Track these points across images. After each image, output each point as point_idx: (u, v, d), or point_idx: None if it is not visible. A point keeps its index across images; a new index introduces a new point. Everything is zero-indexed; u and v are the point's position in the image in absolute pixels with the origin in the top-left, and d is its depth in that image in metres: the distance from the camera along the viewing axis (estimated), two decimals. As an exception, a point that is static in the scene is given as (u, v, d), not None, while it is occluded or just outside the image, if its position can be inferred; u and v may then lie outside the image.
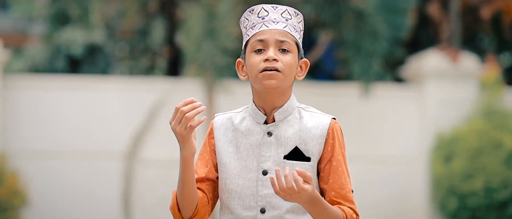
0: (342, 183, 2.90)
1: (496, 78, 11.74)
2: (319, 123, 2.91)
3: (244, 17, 2.96)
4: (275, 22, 2.90)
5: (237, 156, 2.92)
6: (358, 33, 11.38)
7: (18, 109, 11.12)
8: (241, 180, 2.90)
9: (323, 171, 2.92)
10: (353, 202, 2.92)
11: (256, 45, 2.89)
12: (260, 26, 2.90)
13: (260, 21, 2.91)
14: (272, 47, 2.87)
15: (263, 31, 2.89)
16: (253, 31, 2.91)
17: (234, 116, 2.99)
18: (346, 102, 11.75)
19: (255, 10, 2.93)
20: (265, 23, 2.90)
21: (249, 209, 2.89)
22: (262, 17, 2.91)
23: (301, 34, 2.97)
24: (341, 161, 2.91)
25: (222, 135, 2.96)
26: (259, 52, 2.89)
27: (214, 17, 10.66)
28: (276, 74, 2.85)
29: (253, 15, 2.93)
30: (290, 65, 2.88)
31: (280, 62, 2.86)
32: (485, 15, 14.05)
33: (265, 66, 2.85)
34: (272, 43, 2.88)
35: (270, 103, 2.91)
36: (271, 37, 2.88)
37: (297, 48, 2.93)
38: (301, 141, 2.89)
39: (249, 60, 2.90)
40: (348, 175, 2.93)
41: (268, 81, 2.85)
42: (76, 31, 12.83)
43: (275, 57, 2.85)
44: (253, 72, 2.88)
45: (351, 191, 2.92)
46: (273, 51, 2.87)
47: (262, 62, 2.86)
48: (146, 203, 11.31)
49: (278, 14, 2.92)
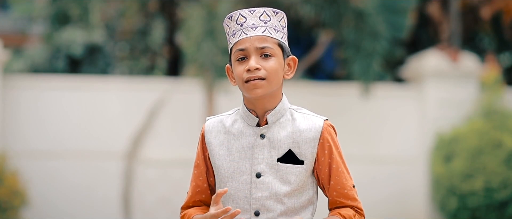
0: (343, 182, 2.92)
1: (496, 78, 11.74)
2: (312, 125, 2.91)
3: (225, 24, 2.94)
4: (253, 28, 2.87)
5: (230, 159, 2.91)
6: (358, 33, 11.38)
7: (18, 109, 11.12)
8: (234, 183, 2.90)
9: (323, 174, 2.93)
10: (356, 199, 2.94)
11: (238, 54, 2.88)
12: (239, 34, 2.88)
13: (239, 28, 2.89)
14: (253, 56, 2.85)
15: (242, 40, 2.87)
16: (234, 40, 2.89)
17: (225, 119, 2.98)
18: (346, 102, 11.75)
19: (233, 16, 2.91)
20: (243, 31, 2.88)
21: (243, 212, 2.89)
22: (241, 24, 2.89)
23: (284, 32, 2.93)
24: (339, 162, 2.92)
25: (214, 138, 2.96)
26: (242, 61, 2.87)
27: (214, 17, 10.67)
28: (261, 83, 2.83)
29: (232, 22, 2.91)
30: (274, 70, 2.85)
31: (262, 69, 2.84)
32: (485, 15, 14.05)
33: (248, 77, 2.84)
34: (252, 51, 2.85)
35: (261, 107, 2.91)
36: (251, 45, 2.85)
37: (281, 49, 2.90)
38: (294, 144, 2.89)
39: (234, 69, 2.89)
40: (348, 171, 2.95)
41: (254, 91, 2.84)
42: (76, 31, 12.82)
43: (256, 66, 2.83)
44: (239, 82, 2.87)
45: (352, 187, 2.94)
46: (255, 60, 2.84)
47: (245, 72, 2.85)
48: (146, 203, 11.31)
49: (256, 19, 2.89)
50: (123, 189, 11.31)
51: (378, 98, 11.71)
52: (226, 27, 2.93)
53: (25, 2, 13.75)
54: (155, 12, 13.99)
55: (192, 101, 11.36)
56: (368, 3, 11.41)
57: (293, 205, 2.89)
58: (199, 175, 2.99)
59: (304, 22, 12.16)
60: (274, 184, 2.88)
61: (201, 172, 2.99)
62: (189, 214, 2.96)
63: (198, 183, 2.99)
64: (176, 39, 13.83)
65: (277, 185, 2.88)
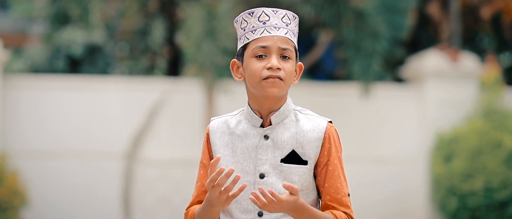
0: (338, 187, 2.91)
1: (496, 78, 11.74)
2: (316, 126, 2.91)
3: (242, 18, 2.93)
4: (277, 28, 2.89)
5: (234, 160, 2.91)
6: (358, 33, 11.38)
7: (18, 109, 11.12)
8: (238, 183, 2.87)
9: (319, 175, 2.92)
10: (349, 206, 2.92)
11: (257, 51, 2.87)
12: (261, 31, 2.88)
13: (261, 25, 2.89)
14: (274, 55, 2.86)
15: (265, 38, 2.87)
16: (254, 36, 2.89)
17: (230, 119, 2.98)
18: (346, 102, 11.76)
19: (255, 13, 2.91)
20: (266, 29, 2.88)
21: (247, 212, 2.89)
22: (263, 21, 2.89)
23: (297, 38, 2.97)
24: (337, 165, 2.91)
25: (218, 139, 2.96)
26: (261, 58, 2.87)
27: (214, 17, 10.66)
28: (279, 83, 2.85)
29: (253, 18, 2.91)
30: (291, 73, 2.88)
31: (282, 70, 2.86)
32: (485, 15, 14.05)
33: (269, 75, 2.84)
34: (274, 50, 2.87)
35: (267, 107, 2.91)
36: (274, 44, 2.87)
37: (295, 53, 2.92)
38: (297, 144, 2.89)
39: (249, 65, 2.89)
40: (345, 179, 2.94)
41: (271, 89, 2.85)
42: (76, 31, 12.82)
43: (279, 66, 2.85)
44: (254, 79, 2.87)
45: (347, 195, 2.92)
46: (276, 59, 2.86)
47: (265, 69, 2.85)
48: (146, 203, 11.31)
49: (278, 19, 2.90)
50: (123, 189, 11.31)
51: (378, 98, 11.71)
52: (243, 22, 2.92)
53: (25, 2, 13.75)
54: (155, 12, 13.99)
55: (192, 102, 11.36)
56: (368, 3, 11.41)
57: (297, 206, 2.89)
58: (205, 175, 2.99)
59: (304, 22, 12.16)
60: (277, 184, 2.88)
61: (206, 173, 2.99)
62: (192, 210, 2.97)
63: (204, 182, 2.99)
64: (176, 39, 13.83)
65: (281, 185, 2.87)
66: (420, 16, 14.09)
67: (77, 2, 12.57)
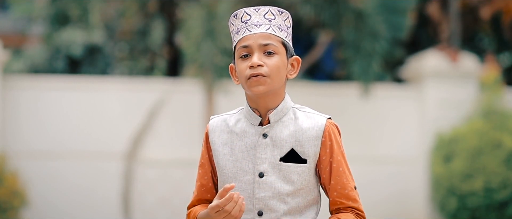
0: (344, 182, 2.90)
1: (495, 78, 11.74)
2: (315, 124, 2.90)
3: (230, 22, 2.95)
4: (257, 26, 2.87)
5: (233, 158, 2.91)
6: (358, 33, 11.38)
7: (18, 109, 11.12)
8: (237, 182, 2.89)
9: (324, 173, 2.91)
10: (356, 200, 2.92)
11: (241, 51, 2.87)
12: (243, 31, 2.88)
13: (243, 26, 2.89)
14: (256, 52, 2.85)
15: (246, 37, 2.87)
16: (238, 37, 2.90)
17: (229, 118, 2.97)
18: (345, 102, 11.76)
19: (238, 14, 2.91)
20: (247, 28, 2.88)
21: (246, 212, 2.88)
22: (245, 21, 2.89)
23: (289, 32, 2.94)
24: (341, 161, 2.91)
25: (217, 138, 2.95)
26: (245, 58, 2.87)
27: (214, 17, 10.66)
28: (263, 80, 2.83)
29: (237, 20, 2.91)
30: (277, 67, 2.85)
31: (265, 66, 2.84)
32: (485, 15, 14.05)
33: (251, 73, 2.83)
34: (255, 48, 2.86)
35: (264, 106, 2.90)
36: (254, 42, 2.86)
37: (284, 47, 2.90)
38: (297, 143, 2.88)
39: (237, 67, 2.89)
40: (350, 172, 2.93)
41: (256, 88, 2.84)
42: (75, 31, 12.83)
43: (259, 63, 2.83)
44: (242, 80, 2.87)
45: (353, 188, 2.92)
46: (258, 56, 2.84)
47: (248, 68, 2.84)
48: (146, 203, 11.31)
49: (260, 17, 2.89)
50: (123, 189, 11.31)
51: (378, 99, 11.71)
52: (231, 26, 2.94)
53: (25, 3, 13.75)
54: (154, 12, 13.99)
55: (192, 102, 11.36)
56: (368, 3, 11.41)
57: (297, 204, 2.88)
58: (204, 174, 2.99)
59: (304, 22, 12.17)
60: (277, 183, 2.87)
61: (206, 171, 2.99)
62: (195, 211, 2.96)
63: (203, 182, 2.99)
64: (175, 39, 13.83)
65: (280, 184, 2.87)
66: (419, 16, 14.09)
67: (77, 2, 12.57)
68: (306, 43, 13.65)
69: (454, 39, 12.72)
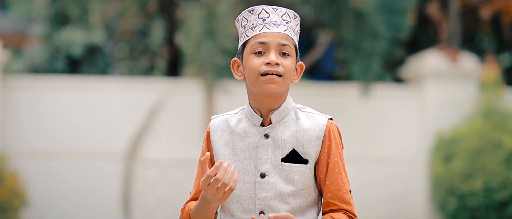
0: (339, 184, 2.89)
1: (495, 78, 11.74)
2: (316, 124, 2.90)
3: (242, 17, 2.93)
4: (276, 25, 2.88)
5: (234, 159, 2.90)
6: (358, 33, 11.38)
7: (18, 109, 11.12)
8: (239, 183, 2.88)
9: (321, 173, 2.91)
10: (350, 203, 2.91)
11: (256, 47, 2.87)
12: (261, 28, 2.88)
13: (261, 22, 2.88)
14: (273, 51, 2.85)
15: (264, 34, 2.87)
16: (254, 33, 2.88)
17: (230, 118, 2.97)
18: (345, 102, 11.76)
19: (255, 10, 2.90)
20: (266, 25, 2.87)
21: (248, 212, 2.88)
22: (263, 18, 2.88)
23: (298, 37, 2.95)
24: (338, 162, 2.90)
25: (218, 138, 2.95)
26: (259, 55, 2.86)
27: (214, 17, 10.66)
28: (277, 79, 2.83)
29: (253, 15, 2.90)
30: (290, 69, 2.86)
31: (281, 66, 2.84)
32: (485, 15, 14.06)
33: (267, 70, 2.83)
34: (273, 46, 2.86)
35: (267, 105, 2.90)
36: (273, 40, 2.85)
37: (295, 52, 2.91)
38: (298, 143, 2.88)
39: (248, 61, 2.88)
40: (346, 175, 2.92)
41: (269, 85, 2.83)
42: (75, 31, 12.82)
43: (277, 61, 2.83)
44: (253, 75, 2.86)
45: (348, 191, 2.91)
46: (275, 55, 2.84)
47: (263, 65, 2.84)
48: (146, 203, 11.32)
49: (278, 17, 2.89)
50: (123, 189, 11.32)
51: (378, 99, 11.71)
52: (244, 20, 2.92)
53: (24, 2, 13.75)
54: (154, 12, 13.99)
55: (192, 102, 11.36)
56: (368, 3, 11.41)
57: (298, 205, 2.88)
58: None
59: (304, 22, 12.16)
60: (278, 184, 2.87)
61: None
62: (188, 206, 2.96)
63: None
64: (175, 39, 13.83)
65: (282, 185, 2.87)
66: (419, 16, 14.09)
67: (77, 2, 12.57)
68: (306, 43, 13.64)
69: (454, 39, 12.72)
